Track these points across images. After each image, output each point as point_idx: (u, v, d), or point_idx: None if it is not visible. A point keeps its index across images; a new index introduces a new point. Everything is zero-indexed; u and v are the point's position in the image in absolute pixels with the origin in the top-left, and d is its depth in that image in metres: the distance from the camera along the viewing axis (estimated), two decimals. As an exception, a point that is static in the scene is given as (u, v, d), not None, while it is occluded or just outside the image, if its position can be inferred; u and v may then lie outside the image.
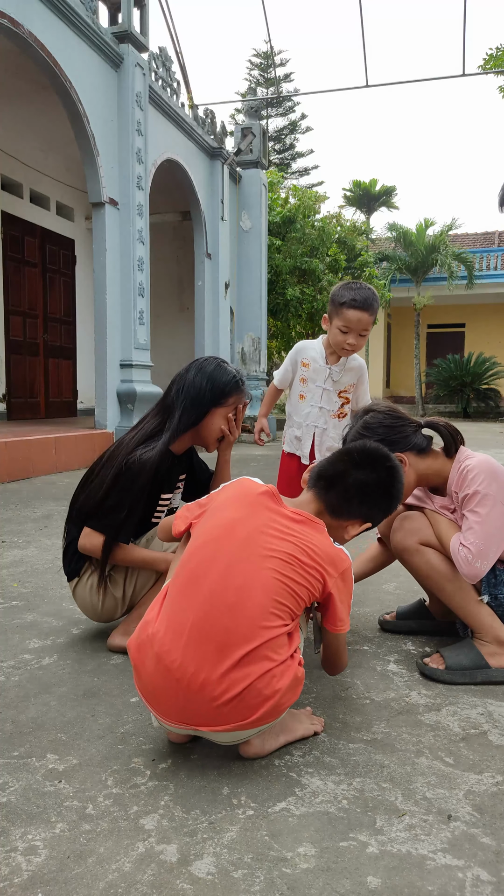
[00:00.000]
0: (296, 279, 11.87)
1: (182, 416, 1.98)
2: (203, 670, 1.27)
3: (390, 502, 1.56)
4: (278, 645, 1.30)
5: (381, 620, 2.22)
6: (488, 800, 1.27)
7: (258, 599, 1.31)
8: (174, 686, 1.29)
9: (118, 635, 2.00)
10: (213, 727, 1.30)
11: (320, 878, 1.06)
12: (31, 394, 9.16)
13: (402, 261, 19.11)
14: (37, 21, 5.66)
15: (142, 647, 1.36)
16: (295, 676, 1.32)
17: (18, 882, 1.05)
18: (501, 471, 1.82)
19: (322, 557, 1.39)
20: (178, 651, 1.29)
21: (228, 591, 1.32)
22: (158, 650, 1.32)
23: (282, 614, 1.33)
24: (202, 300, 9.28)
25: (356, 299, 2.29)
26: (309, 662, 1.89)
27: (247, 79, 26.96)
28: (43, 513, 4.18)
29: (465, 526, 1.80)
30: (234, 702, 1.26)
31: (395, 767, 1.38)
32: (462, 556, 1.77)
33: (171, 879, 1.05)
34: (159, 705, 1.33)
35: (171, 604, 1.37)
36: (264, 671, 1.27)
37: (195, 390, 1.99)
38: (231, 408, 2.05)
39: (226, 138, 9.82)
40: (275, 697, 1.28)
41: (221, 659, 1.27)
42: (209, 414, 2.01)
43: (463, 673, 1.78)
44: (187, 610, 1.33)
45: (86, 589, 2.00)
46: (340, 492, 1.51)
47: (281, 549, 1.37)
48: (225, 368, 2.04)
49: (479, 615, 1.84)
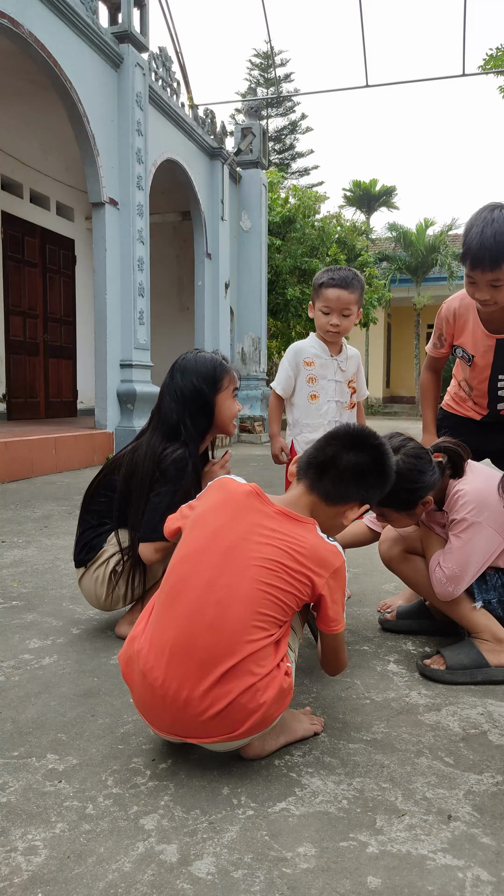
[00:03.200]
0: (296, 279, 11.87)
1: (195, 423, 2.00)
2: (185, 688, 1.27)
3: (386, 480, 1.54)
4: (262, 657, 1.29)
5: (381, 620, 2.23)
6: (488, 800, 1.27)
7: (238, 614, 1.29)
8: (160, 702, 1.30)
9: (125, 625, 2.07)
10: (202, 739, 1.30)
11: (320, 878, 1.06)
12: (31, 394, 9.16)
13: (402, 261, 19.13)
14: (37, 21, 5.65)
15: (129, 663, 1.37)
16: (280, 688, 1.29)
17: (18, 882, 1.05)
18: (493, 498, 1.83)
19: (310, 559, 1.35)
20: (160, 669, 1.30)
21: (208, 607, 1.30)
22: (143, 667, 1.33)
23: (265, 625, 1.30)
24: (202, 300, 9.28)
25: (334, 278, 2.32)
26: (310, 662, 1.89)
27: (247, 79, 26.99)
28: (43, 513, 4.18)
29: (447, 548, 1.85)
30: (219, 717, 1.26)
31: (395, 767, 1.38)
32: (436, 576, 1.84)
33: (171, 879, 1.05)
34: (150, 717, 1.35)
35: (155, 620, 1.37)
36: (247, 686, 1.25)
37: (191, 392, 1.99)
38: (230, 388, 2.07)
39: (226, 138, 9.83)
40: (260, 711, 1.26)
41: (203, 676, 1.26)
42: (216, 406, 2.03)
43: (463, 672, 1.78)
44: (168, 628, 1.32)
45: (92, 580, 2.03)
46: (335, 476, 1.47)
47: (265, 556, 1.34)
48: (204, 356, 2.05)
49: (473, 618, 1.86)
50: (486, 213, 1.92)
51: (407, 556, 2.00)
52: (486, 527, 1.80)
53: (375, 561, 3.00)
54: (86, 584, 2.05)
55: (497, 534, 1.82)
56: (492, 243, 1.86)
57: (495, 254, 1.87)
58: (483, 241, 1.87)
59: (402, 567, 2.01)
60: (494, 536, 1.81)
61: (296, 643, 1.45)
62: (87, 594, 2.07)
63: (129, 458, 2.03)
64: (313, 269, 11.68)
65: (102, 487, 2.07)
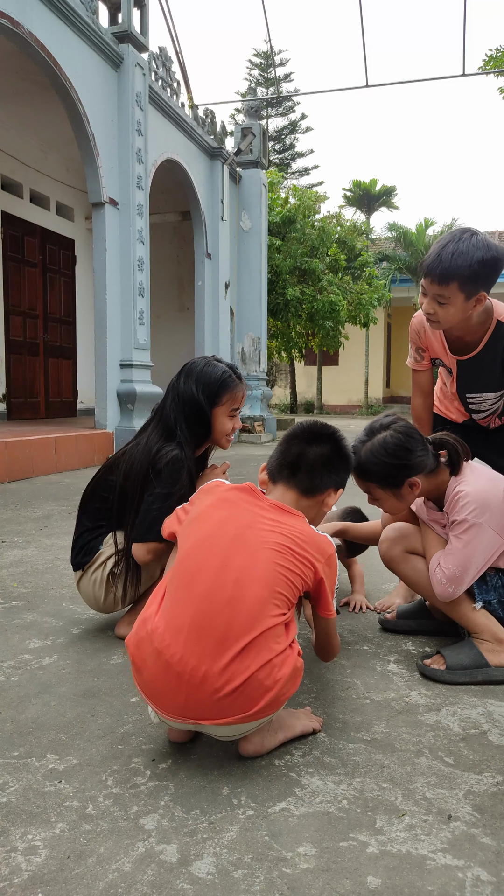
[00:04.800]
0: (296, 279, 11.87)
1: (190, 428, 1.99)
2: (203, 663, 1.28)
3: (348, 462, 1.65)
4: (276, 634, 1.32)
5: (380, 620, 2.23)
6: (488, 800, 1.27)
7: (256, 591, 1.33)
8: (175, 680, 1.30)
9: (124, 625, 2.06)
10: (214, 720, 1.30)
11: (320, 878, 1.06)
12: (31, 394, 9.16)
13: (402, 261, 19.13)
14: (37, 21, 5.65)
15: (141, 644, 1.36)
16: (294, 666, 1.33)
17: (18, 882, 1.05)
18: (496, 499, 1.83)
19: (310, 545, 1.43)
20: (178, 646, 1.30)
21: (226, 585, 1.34)
22: (158, 645, 1.32)
23: (280, 604, 1.35)
24: (202, 300, 9.28)
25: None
26: (308, 662, 1.89)
27: (247, 79, 27.00)
28: (43, 513, 4.18)
29: (448, 549, 1.85)
30: (236, 693, 1.27)
31: (395, 767, 1.38)
32: (437, 577, 1.84)
33: (171, 879, 1.05)
34: (160, 701, 1.33)
35: (170, 600, 1.38)
36: (265, 661, 1.28)
37: (189, 399, 1.98)
38: (229, 406, 2.04)
39: (226, 138, 9.83)
40: (276, 687, 1.29)
41: (222, 652, 1.28)
42: (213, 416, 2.01)
43: (463, 672, 1.78)
44: (186, 606, 1.34)
45: (90, 582, 2.03)
46: (307, 471, 1.56)
47: (273, 541, 1.40)
48: (214, 367, 2.02)
49: (473, 618, 1.86)
50: (458, 233, 1.95)
51: (407, 556, 2.01)
52: (487, 528, 1.80)
53: (375, 561, 3.00)
54: (84, 586, 2.05)
55: (498, 535, 1.82)
56: (448, 259, 1.88)
57: (446, 269, 1.89)
58: (442, 254, 1.90)
59: (403, 567, 2.01)
60: (495, 538, 1.82)
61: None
62: (86, 597, 2.07)
63: (127, 456, 2.02)
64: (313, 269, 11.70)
65: (99, 489, 2.06)
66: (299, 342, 16.94)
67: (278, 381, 23.61)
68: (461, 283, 1.90)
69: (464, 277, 1.88)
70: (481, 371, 2.22)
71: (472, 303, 1.96)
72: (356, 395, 22.65)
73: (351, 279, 15.11)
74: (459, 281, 1.89)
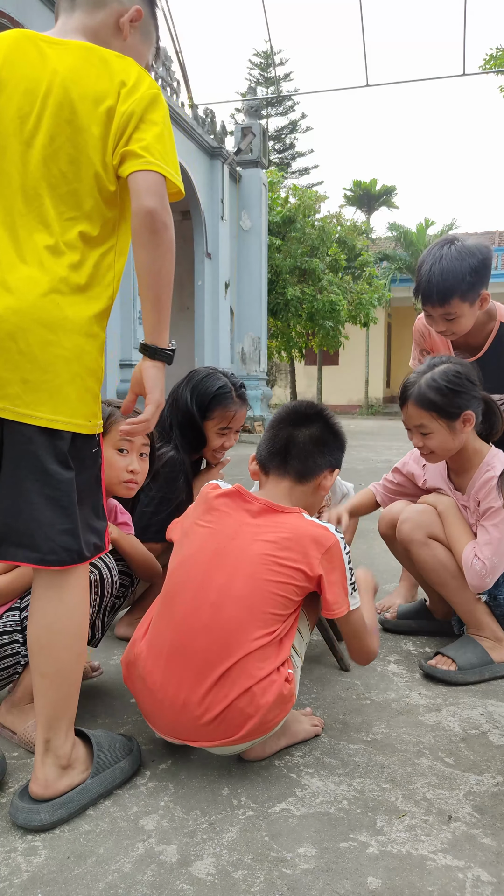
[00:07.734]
0: (296, 279, 11.88)
1: (183, 435, 1.98)
2: (182, 691, 1.27)
3: (341, 439, 1.57)
4: (262, 657, 1.27)
5: (381, 620, 2.22)
6: (488, 800, 1.27)
7: (232, 614, 1.29)
8: (158, 705, 1.31)
9: (123, 626, 2.06)
10: (202, 742, 1.30)
11: (320, 879, 1.06)
12: (31, 393, 9.14)
13: (402, 260, 19.13)
14: (36, 21, 5.65)
15: (130, 666, 1.38)
16: (280, 694, 1.27)
17: (18, 882, 1.05)
18: None
19: (298, 543, 1.34)
20: (158, 672, 1.30)
21: (202, 609, 1.31)
22: (142, 671, 1.34)
23: (265, 622, 1.29)
24: (202, 300, 9.29)
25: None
26: (309, 662, 1.89)
27: (247, 78, 26.98)
28: (43, 513, 4.17)
29: (483, 538, 1.81)
30: (217, 721, 1.25)
31: (396, 768, 1.38)
32: (476, 568, 1.80)
33: (171, 880, 1.05)
34: (151, 720, 1.36)
35: (154, 624, 1.38)
36: (244, 689, 1.24)
37: (183, 406, 1.99)
38: (219, 423, 2.01)
39: (226, 138, 9.83)
40: (258, 715, 1.25)
41: (200, 680, 1.26)
42: (205, 429, 2.00)
43: (474, 671, 1.78)
44: (165, 631, 1.33)
45: None
46: (299, 455, 1.48)
47: (255, 552, 1.34)
48: (212, 380, 1.99)
49: (478, 613, 1.86)
50: (435, 250, 1.99)
51: (429, 541, 1.92)
52: None
53: (375, 561, 3.01)
54: None
55: None
56: (438, 280, 1.94)
57: (442, 290, 1.94)
58: (431, 278, 1.95)
59: (422, 551, 1.92)
60: None
61: (302, 647, 1.44)
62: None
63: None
64: (313, 268, 11.71)
65: None
66: (299, 342, 16.95)
67: (278, 381, 23.61)
68: (461, 296, 1.96)
69: (462, 291, 1.95)
70: (487, 373, 2.22)
71: (478, 304, 2.02)
72: (356, 394, 22.64)
73: (351, 279, 15.12)
74: (459, 295, 1.95)
